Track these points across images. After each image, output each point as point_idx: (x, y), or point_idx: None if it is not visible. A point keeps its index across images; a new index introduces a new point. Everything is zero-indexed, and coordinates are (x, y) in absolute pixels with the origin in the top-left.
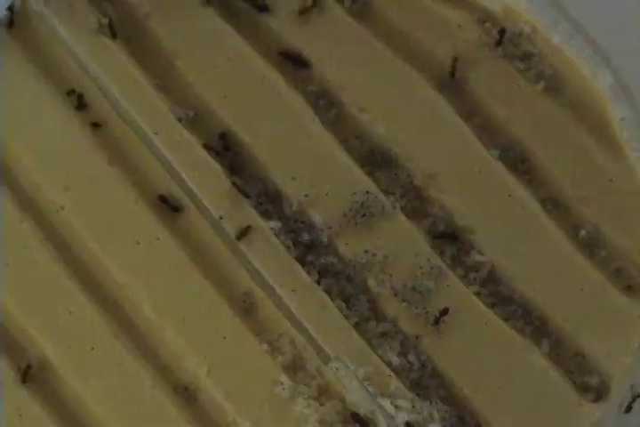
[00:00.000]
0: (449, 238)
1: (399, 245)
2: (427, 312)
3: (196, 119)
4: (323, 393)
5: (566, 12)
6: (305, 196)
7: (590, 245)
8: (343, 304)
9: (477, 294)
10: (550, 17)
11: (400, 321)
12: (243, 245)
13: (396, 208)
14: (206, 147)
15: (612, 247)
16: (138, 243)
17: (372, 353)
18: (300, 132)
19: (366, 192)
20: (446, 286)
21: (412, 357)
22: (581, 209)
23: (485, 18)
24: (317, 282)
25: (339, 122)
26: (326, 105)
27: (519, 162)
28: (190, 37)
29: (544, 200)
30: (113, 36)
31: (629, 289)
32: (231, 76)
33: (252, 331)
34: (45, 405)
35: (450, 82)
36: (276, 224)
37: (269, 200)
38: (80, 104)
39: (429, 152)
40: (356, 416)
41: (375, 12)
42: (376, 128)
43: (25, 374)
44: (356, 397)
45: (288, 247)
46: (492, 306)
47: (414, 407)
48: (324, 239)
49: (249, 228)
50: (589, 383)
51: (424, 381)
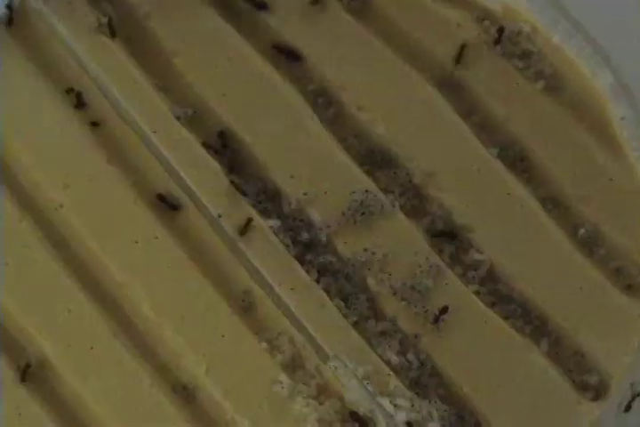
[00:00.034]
0: (448, 237)
1: (398, 243)
2: (426, 311)
3: (194, 117)
4: (322, 392)
5: (566, 11)
6: (304, 194)
7: (590, 243)
8: (342, 303)
9: (476, 293)
10: (550, 16)
11: (399, 320)
12: (242, 244)
13: (394, 207)
14: (205, 145)
15: (612, 246)
16: (136, 242)
17: (371, 352)
18: (299, 131)
19: (365, 191)
20: (445, 284)
21: (411, 355)
22: (581, 208)
23: (484, 16)
24: (316, 281)
25: (338, 121)
26: (325, 104)
27: (518, 160)
28: (190, 37)
29: (543, 199)
30: (112, 35)
31: (629, 288)
32: (230, 75)
33: (251, 329)
34: (44, 404)
35: (449, 80)
36: (275, 223)
37: (268, 198)
38: (79, 103)
39: (428, 151)
40: (354, 415)
41: (375, 11)
42: (375, 127)
43: (24, 373)
44: (355, 396)
45: (287, 246)
46: (492, 305)
47: (413, 406)
48: (322, 238)
49: (250, 221)
50: (589, 382)
51: (423, 380)
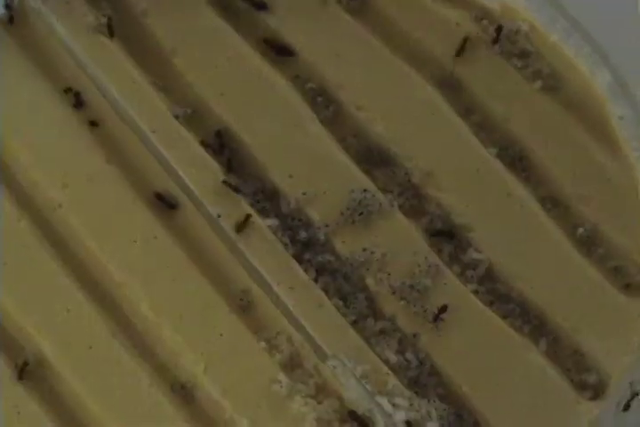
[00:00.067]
0: (446, 236)
1: (397, 243)
2: (425, 310)
3: (193, 117)
4: (320, 391)
5: (564, 9)
6: (302, 194)
7: (588, 243)
8: (340, 302)
9: (475, 292)
10: (548, 15)
11: (398, 319)
12: (240, 243)
13: (393, 206)
14: (204, 144)
15: (611, 246)
16: (135, 241)
17: (370, 351)
18: (298, 130)
19: (364, 190)
20: (444, 284)
21: (409, 355)
22: (580, 208)
23: (483, 15)
24: (315, 280)
25: (336, 120)
26: (324, 103)
27: (517, 160)
28: (189, 36)
29: (542, 199)
30: (111, 34)
31: (628, 288)
32: (229, 75)
33: (250, 329)
34: (43, 402)
35: (448, 80)
36: (273, 222)
37: (267, 198)
38: (78, 102)
39: (427, 150)
40: (353, 414)
41: (374, 11)
42: (374, 126)
43: (22, 372)
44: (354, 395)
45: (285, 245)
46: (490, 304)
47: (412, 405)
48: (321, 237)
49: (249, 217)
50: (587, 381)
51: (422, 379)
